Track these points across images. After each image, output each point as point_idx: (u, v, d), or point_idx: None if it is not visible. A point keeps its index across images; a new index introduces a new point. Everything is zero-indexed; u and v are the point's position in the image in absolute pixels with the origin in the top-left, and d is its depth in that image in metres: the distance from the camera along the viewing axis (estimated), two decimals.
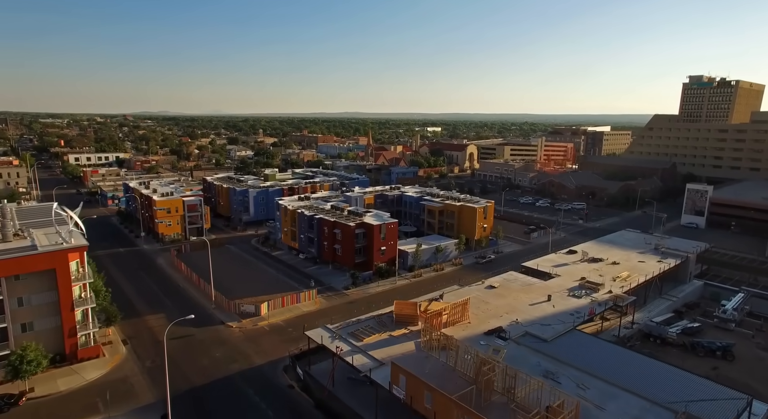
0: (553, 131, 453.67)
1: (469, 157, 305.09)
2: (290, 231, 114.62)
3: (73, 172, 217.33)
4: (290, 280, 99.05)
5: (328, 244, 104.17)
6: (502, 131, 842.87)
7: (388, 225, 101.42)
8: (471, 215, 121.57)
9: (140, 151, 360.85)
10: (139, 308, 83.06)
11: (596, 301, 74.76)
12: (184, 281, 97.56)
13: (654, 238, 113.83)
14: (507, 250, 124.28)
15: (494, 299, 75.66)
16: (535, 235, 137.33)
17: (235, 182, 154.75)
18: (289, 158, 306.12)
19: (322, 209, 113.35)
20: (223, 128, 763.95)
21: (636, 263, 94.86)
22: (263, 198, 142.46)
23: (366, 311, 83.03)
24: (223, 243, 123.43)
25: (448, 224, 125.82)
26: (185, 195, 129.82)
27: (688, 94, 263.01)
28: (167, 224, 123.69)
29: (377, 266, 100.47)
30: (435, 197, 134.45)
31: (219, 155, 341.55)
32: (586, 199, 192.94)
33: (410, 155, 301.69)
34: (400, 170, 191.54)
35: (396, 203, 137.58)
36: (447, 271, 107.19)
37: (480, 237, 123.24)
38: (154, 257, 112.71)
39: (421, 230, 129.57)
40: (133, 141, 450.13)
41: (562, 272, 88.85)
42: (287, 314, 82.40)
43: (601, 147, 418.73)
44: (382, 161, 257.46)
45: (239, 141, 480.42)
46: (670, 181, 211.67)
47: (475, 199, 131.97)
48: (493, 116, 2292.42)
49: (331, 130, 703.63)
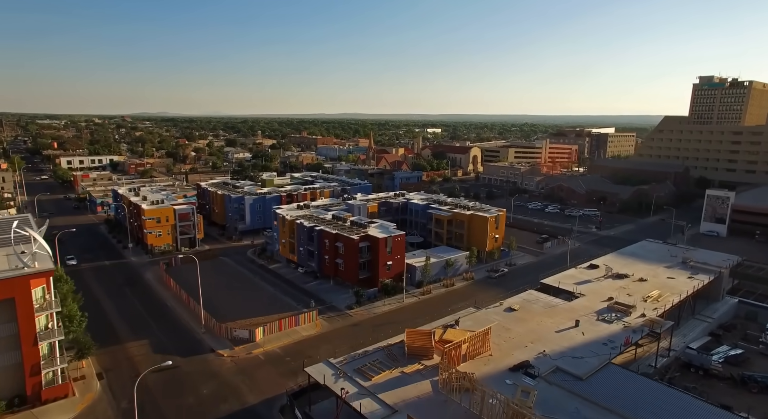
0: (556, 133, 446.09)
1: (472, 160, 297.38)
2: (288, 243, 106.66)
3: (63, 176, 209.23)
4: (288, 298, 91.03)
5: (329, 258, 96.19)
6: (503, 132, 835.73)
7: (395, 238, 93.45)
8: (482, 225, 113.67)
9: (135, 153, 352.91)
10: (120, 333, 74.95)
11: (629, 327, 66.83)
12: (172, 299, 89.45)
13: (679, 250, 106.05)
14: (520, 262, 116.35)
15: (516, 325, 67.73)
16: (548, 245, 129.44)
17: (230, 189, 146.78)
18: (287, 161, 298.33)
19: (323, 220, 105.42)
20: (222, 129, 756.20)
21: (665, 279, 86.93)
22: (260, 206, 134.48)
23: (372, 334, 75.31)
24: (217, 255, 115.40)
25: (457, 234, 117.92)
26: (176, 203, 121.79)
27: (699, 95, 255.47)
28: (157, 235, 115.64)
29: (383, 283, 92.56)
30: (442, 204, 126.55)
31: (216, 158, 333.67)
32: (597, 204, 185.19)
33: (412, 158, 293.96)
34: (403, 175, 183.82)
35: (401, 212, 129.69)
36: (458, 287, 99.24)
37: (492, 249, 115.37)
38: (142, 272, 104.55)
39: (428, 240, 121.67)
40: (129, 143, 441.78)
41: (586, 290, 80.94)
42: (285, 339, 74.39)
43: (605, 149, 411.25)
44: (384, 164, 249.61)
45: (237, 143, 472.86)
46: (683, 185, 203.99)
47: (485, 207, 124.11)
48: (493, 117, 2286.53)
49: (330, 131, 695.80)
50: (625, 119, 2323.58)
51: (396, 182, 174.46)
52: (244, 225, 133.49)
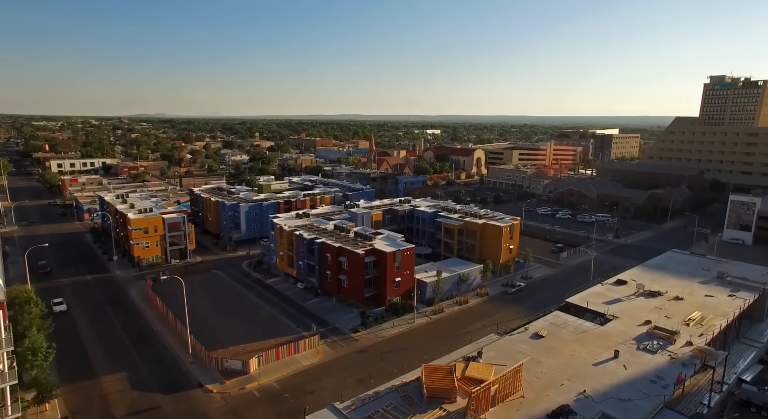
0: (560, 134, 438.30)
1: (476, 162, 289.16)
2: (287, 256, 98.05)
3: (51, 180, 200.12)
4: (287, 318, 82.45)
5: (331, 274, 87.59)
6: (503, 133, 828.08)
7: (404, 252, 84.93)
8: (495, 235, 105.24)
9: (130, 156, 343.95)
10: (95, 365, 66.20)
11: (677, 358, 58.39)
12: (158, 321, 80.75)
13: (710, 262, 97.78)
14: (536, 275, 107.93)
15: (547, 357, 59.26)
16: (564, 255, 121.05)
17: (225, 195, 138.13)
18: (286, 164, 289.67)
19: (324, 231, 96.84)
20: (220, 130, 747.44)
21: (703, 298, 78.57)
22: (256, 214, 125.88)
23: (380, 364, 67.05)
24: (210, 268, 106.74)
25: (468, 244, 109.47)
26: (166, 212, 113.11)
27: (710, 96, 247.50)
28: (144, 246, 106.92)
29: (391, 302, 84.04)
30: (451, 212, 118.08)
31: (212, 161, 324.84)
32: (609, 210, 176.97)
33: (414, 161, 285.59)
34: (407, 179, 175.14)
35: (407, 220, 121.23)
36: (472, 304, 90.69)
37: (506, 261, 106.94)
38: (127, 288, 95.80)
39: (437, 251, 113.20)
40: (124, 145, 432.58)
41: (618, 311, 72.51)
42: (283, 370, 65.80)
43: (610, 151, 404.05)
44: (386, 167, 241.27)
45: (235, 145, 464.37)
46: (697, 189, 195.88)
47: (497, 215, 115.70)
48: (491, 118, 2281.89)
49: (329, 132, 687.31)
50: (623, 119, 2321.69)
51: (400, 187, 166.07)
52: (239, 234, 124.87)
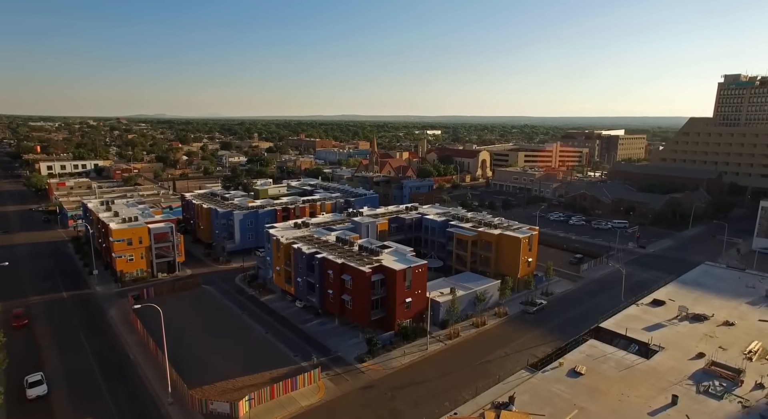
0: (565, 135, 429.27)
1: (481, 164, 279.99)
2: (284, 271, 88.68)
3: (37, 183, 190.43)
4: (283, 344, 73.14)
5: (334, 293, 78.23)
6: (504, 133, 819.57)
7: (415, 269, 75.59)
8: (513, 247, 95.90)
9: (124, 157, 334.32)
10: (56, 408, 56.61)
11: (751, 407, 49.15)
12: (137, 348, 71.30)
13: (753, 277, 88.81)
14: (557, 290, 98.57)
15: (591, 401, 50.03)
16: (584, 267, 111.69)
17: (218, 201, 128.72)
18: (284, 166, 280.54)
19: (325, 243, 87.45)
20: (218, 131, 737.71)
21: (757, 323, 69.37)
22: (251, 222, 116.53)
23: (392, 402, 58.33)
24: (200, 282, 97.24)
25: (482, 257, 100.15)
26: (153, 221, 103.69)
27: (724, 96, 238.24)
28: (128, 259, 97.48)
29: (400, 325, 74.69)
30: (463, 221, 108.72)
31: (209, 163, 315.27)
32: (625, 215, 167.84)
33: (417, 163, 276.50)
34: (413, 184, 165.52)
35: (414, 229, 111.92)
36: (490, 326, 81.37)
37: (524, 275, 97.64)
38: (107, 307, 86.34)
39: (447, 263, 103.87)
40: (119, 146, 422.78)
41: (663, 340, 63.24)
42: (278, 412, 56.41)
43: (616, 152, 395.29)
44: (389, 170, 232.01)
45: (233, 146, 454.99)
46: (716, 193, 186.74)
47: (512, 224, 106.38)
48: (491, 119, 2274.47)
49: (329, 133, 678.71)
50: (623, 120, 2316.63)
51: (405, 192, 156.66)
52: (233, 245, 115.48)
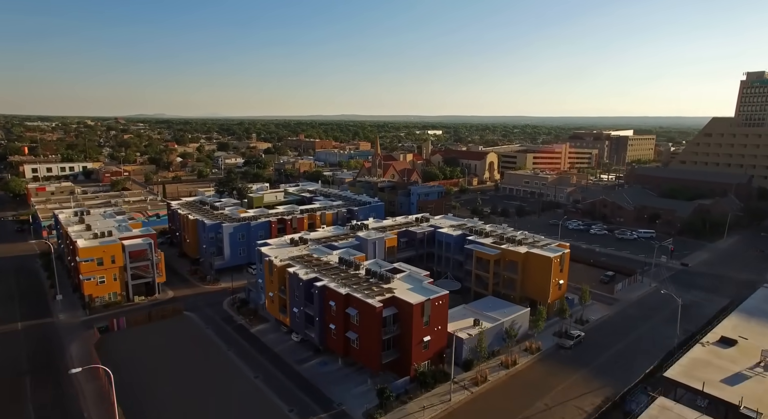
0: (572, 136, 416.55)
1: (488, 166, 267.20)
2: (278, 298, 75.92)
3: (15, 188, 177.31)
4: (276, 394, 60.35)
5: (337, 329, 65.45)
6: (507, 134, 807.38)
7: (435, 301, 62.82)
8: (542, 268, 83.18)
9: (115, 159, 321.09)
10: None
11: None
12: (94, 406, 58.10)
13: None
14: (592, 316, 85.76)
15: None
16: (619, 287, 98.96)
17: (207, 211, 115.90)
18: (282, 168, 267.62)
19: (326, 266, 74.59)
20: (217, 131, 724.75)
21: None
22: (243, 235, 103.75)
23: None
24: (181, 310, 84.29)
25: (506, 278, 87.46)
26: (129, 236, 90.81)
27: (747, 95, 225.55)
28: (98, 282, 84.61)
29: (417, 370, 61.92)
30: (482, 235, 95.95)
31: (204, 165, 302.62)
32: (649, 224, 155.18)
33: (422, 165, 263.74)
34: (421, 190, 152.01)
35: (426, 244, 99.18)
36: (522, 366, 68.60)
37: (554, 299, 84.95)
38: (68, 341, 73.31)
39: (466, 285, 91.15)
40: (113, 147, 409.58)
41: (755, 399, 50.19)
42: None
43: (625, 153, 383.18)
44: (392, 173, 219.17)
45: (230, 147, 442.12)
46: (745, 199, 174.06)
47: (538, 239, 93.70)
48: (491, 119, 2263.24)
49: (329, 133, 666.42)
50: (624, 120, 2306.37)
51: (413, 199, 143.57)
52: (221, 261, 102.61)
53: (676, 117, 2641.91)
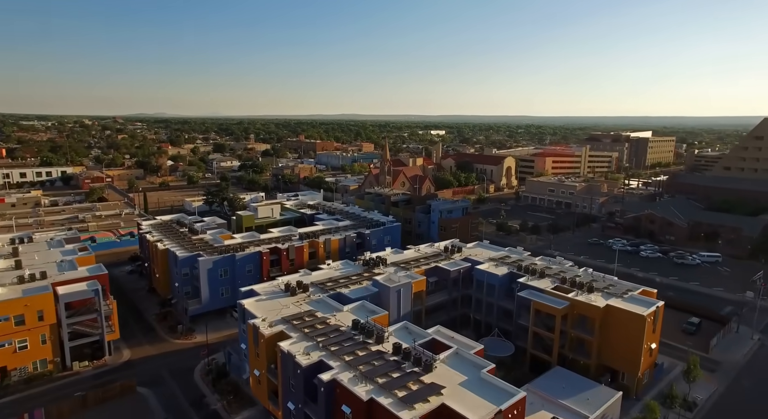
0: (589, 138, 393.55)
1: (506, 171, 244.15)
2: (266, 380, 52.98)
3: None
4: None
5: None
6: (512, 134, 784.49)
7: (509, 412, 39.84)
8: (631, 328, 60.21)
9: (100, 162, 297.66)
10: None
11: None
12: None
13: None
14: (699, 394, 62.66)
15: None
16: (714, 342, 75.97)
17: (184, 236, 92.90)
18: (281, 174, 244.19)
19: (335, 331, 51.43)
20: (215, 131, 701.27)
21: None
22: (225, 271, 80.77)
23: None
24: (133, 386, 61.21)
25: (573, 338, 64.57)
26: (66, 280, 67.71)
27: None
28: (17, 348, 61.62)
29: None
30: (535, 274, 72.97)
31: (196, 169, 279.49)
32: (707, 243, 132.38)
33: (433, 170, 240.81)
34: (443, 206, 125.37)
35: (462, 284, 76.30)
36: None
37: (646, 369, 62.11)
38: None
39: (518, 344, 68.17)
40: (102, 148, 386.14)
41: None
42: None
43: (645, 156, 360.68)
44: (403, 181, 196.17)
45: (226, 148, 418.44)
46: None
47: (610, 280, 70.77)
48: (491, 118, 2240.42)
49: (330, 134, 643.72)
50: (625, 120, 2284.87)
51: (434, 217, 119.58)
52: (197, 306, 79.53)
53: (678, 117, 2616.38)
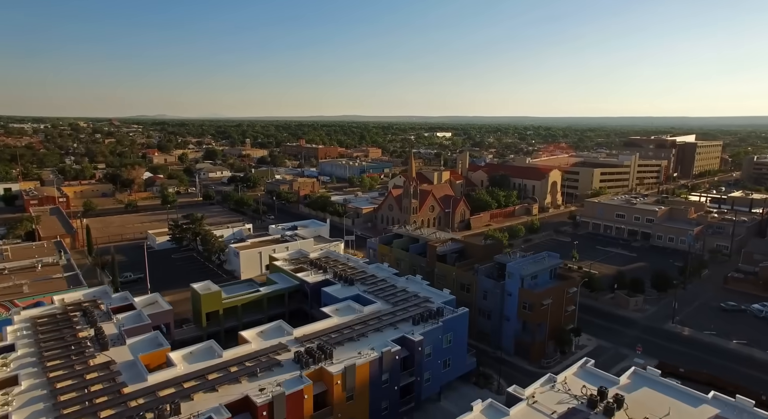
0: (627, 142, 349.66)
1: (551, 187, 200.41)
2: None
3: None
4: None
5: None
6: (523, 136, 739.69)
7: None
8: None
9: (70, 173, 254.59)
10: None
11: None
12: None
13: None
14: None
15: None
16: None
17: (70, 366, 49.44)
18: (276, 189, 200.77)
19: None
20: (212, 134, 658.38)
21: None
22: None
23: None
24: None
25: None
26: None
27: None
28: None
29: None
30: None
31: (178, 182, 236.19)
32: None
33: (462, 187, 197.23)
34: (525, 268, 76.54)
35: None
36: None
37: None
38: None
39: None
40: (76, 156, 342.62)
41: None
42: None
43: (692, 164, 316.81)
44: (431, 205, 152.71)
45: (218, 155, 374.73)
46: None
47: None
48: (492, 119, 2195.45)
49: (332, 136, 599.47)
50: (626, 119, 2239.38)
51: (511, 287, 74.87)
52: None
53: (681, 117, 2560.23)
